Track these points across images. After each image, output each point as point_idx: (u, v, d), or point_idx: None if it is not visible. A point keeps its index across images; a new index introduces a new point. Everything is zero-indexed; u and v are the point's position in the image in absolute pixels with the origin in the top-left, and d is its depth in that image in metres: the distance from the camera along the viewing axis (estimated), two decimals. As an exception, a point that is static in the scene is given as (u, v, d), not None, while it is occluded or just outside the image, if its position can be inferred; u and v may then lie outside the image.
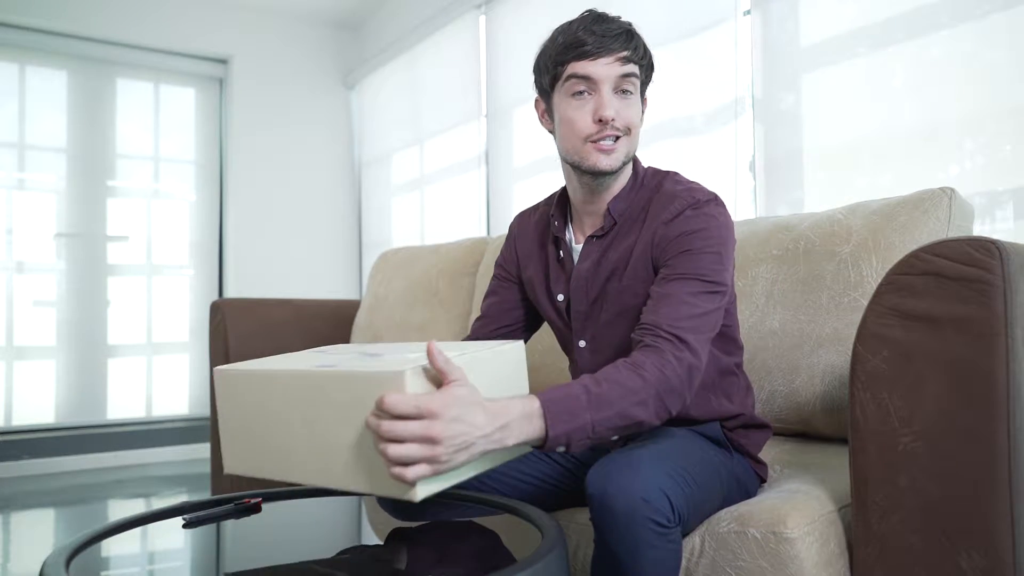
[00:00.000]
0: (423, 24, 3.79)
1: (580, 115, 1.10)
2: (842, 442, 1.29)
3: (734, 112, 2.27)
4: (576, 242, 1.22)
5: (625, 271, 1.13)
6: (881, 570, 0.94)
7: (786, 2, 2.15)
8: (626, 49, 1.09)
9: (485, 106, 3.44)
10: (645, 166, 1.21)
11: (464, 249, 2.37)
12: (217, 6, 4.16)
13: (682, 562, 0.99)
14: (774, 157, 2.19)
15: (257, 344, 2.41)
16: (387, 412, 0.80)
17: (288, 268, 4.26)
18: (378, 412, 0.81)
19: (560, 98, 1.13)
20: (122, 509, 3.04)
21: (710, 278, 1.05)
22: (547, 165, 2.99)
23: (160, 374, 4.08)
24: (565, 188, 1.25)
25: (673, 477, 0.95)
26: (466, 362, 0.87)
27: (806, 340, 1.39)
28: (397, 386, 0.81)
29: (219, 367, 1.03)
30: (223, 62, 4.27)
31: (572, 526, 1.17)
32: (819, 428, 1.40)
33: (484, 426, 0.84)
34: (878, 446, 0.93)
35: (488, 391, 0.87)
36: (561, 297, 1.22)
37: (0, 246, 3.73)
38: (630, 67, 1.10)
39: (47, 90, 3.86)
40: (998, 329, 0.85)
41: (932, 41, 1.82)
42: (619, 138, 1.10)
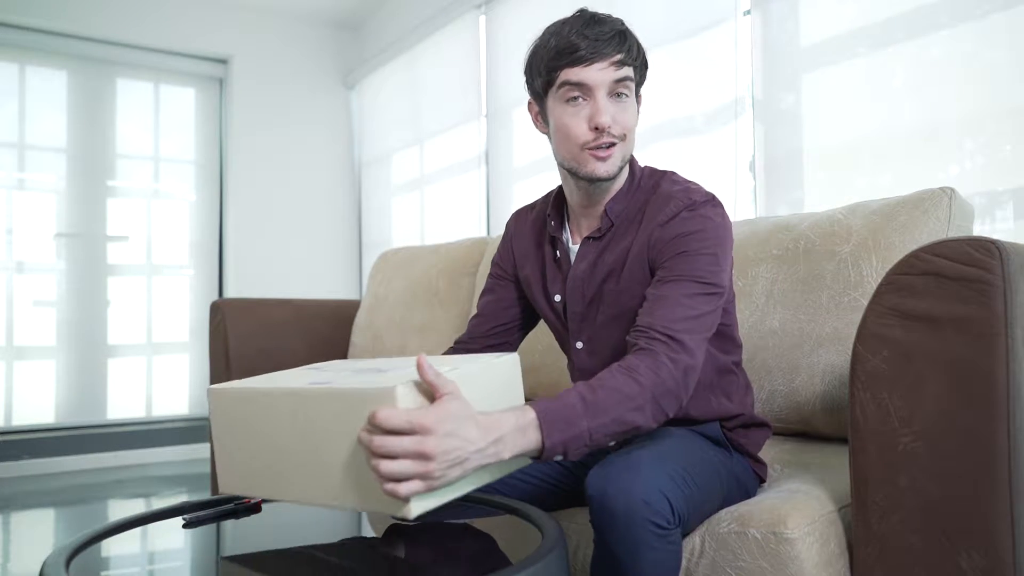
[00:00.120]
0: (423, 24, 3.79)
1: (575, 122, 1.08)
2: (842, 442, 1.29)
3: (734, 112, 2.27)
4: (573, 243, 1.21)
5: (622, 273, 1.13)
6: (881, 570, 0.94)
7: (786, 2, 2.15)
8: (619, 52, 1.07)
9: (485, 106, 3.44)
10: (642, 165, 1.20)
11: (464, 249, 2.37)
12: (217, 6, 4.16)
13: (682, 562, 0.99)
14: (774, 157, 2.19)
15: (257, 344, 2.41)
16: (379, 427, 0.79)
17: (288, 268, 4.26)
18: (370, 427, 0.81)
19: (554, 104, 1.11)
20: (122, 509, 3.04)
21: (706, 280, 1.04)
22: (547, 165, 2.99)
23: (160, 374, 4.08)
24: (561, 187, 1.24)
25: (673, 478, 0.95)
26: (459, 376, 0.86)
27: (806, 340, 1.39)
28: (389, 402, 0.81)
29: (213, 386, 1.03)
30: (223, 62, 4.27)
31: (572, 526, 1.17)
32: (819, 428, 1.40)
33: (477, 440, 0.83)
34: (878, 446, 0.93)
35: (482, 404, 0.86)
36: (558, 298, 1.22)
37: (0, 246, 3.73)
38: (624, 71, 1.08)
39: (47, 90, 3.86)
40: (998, 329, 0.85)
41: (932, 41, 1.82)
42: (615, 143, 1.09)
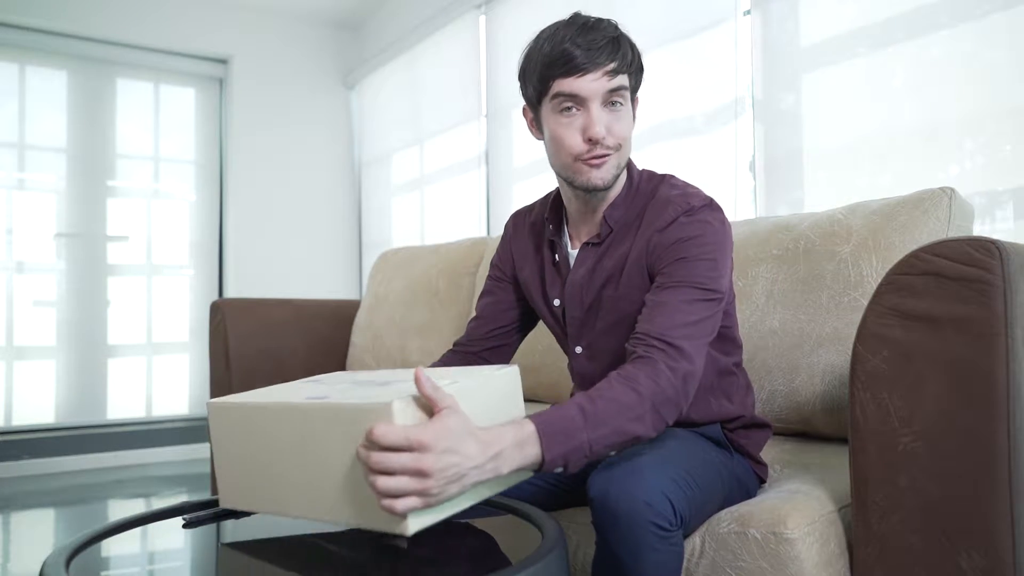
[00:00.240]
0: (423, 24, 3.79)
1: (569, 133, 1.07)
2: (842, 442, 1.29)
3: (734, 112, 2.27)
4: (572, 247, 1.20)
5: (620, 279, 1.12)
6: (881, 570, 0.94)
7: (786, 2, 2.15)
8: (613, 60, 1.05)
9: (485, 106, 3.44)
10: (640, 168, 1.19)
11: (464, 249, 2.38)
12: (217, 6, 4.16)
13: (683, 563, 1.00)
14: (774, 157, 2.19)
15: (257, 344, 2.41)
16: (376, 443, 0.79)
17: (288, 268, 4.26)
18: (367, 443, 0.80)
19: (548, 113, 1.10)
20: (122, 509, 3.04)
21: (706, 285, 1.04)
22: (547, 165, 2.94)
23: (160, 374, 4.08)
24: (559, 191, 1.23)
25: (675, 480, 0.95)
26: (457, 390, 0.85)
27: (806, 340, 1.39)
28: (385, 417, 0.80)
29: (212, 400, 1.03)
30: (223, 62, 4.27)
31: (572, 526, 1.17)
32: (819, 428, 1.40)
33: (476, 456, 0.82)
34: (878, 446, 0.93)
35: (481, 418, 0.86)
36: (557, 302, 1.21)
37: (0, 246, 3.73)
38: (618, 79, 1.06)
39: (47, 90, 3.86)
40: (998, 329, 0.85)
41: (932, 41, 1.82)
42: (609, 154, 1.08)
